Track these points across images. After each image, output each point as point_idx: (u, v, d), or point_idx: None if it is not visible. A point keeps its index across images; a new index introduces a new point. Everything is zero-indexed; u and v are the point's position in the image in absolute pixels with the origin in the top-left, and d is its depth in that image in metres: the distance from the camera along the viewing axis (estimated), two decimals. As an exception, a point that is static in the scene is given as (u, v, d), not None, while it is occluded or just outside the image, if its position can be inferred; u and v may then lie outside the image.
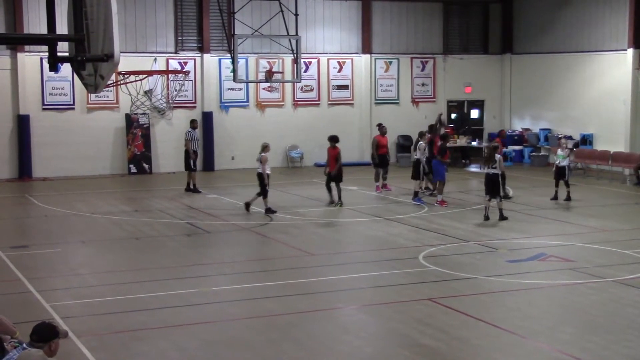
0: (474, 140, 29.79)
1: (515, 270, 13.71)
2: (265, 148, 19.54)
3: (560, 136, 28.14)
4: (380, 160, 22.66)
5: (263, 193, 19.34)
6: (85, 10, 7.54)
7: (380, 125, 23.37)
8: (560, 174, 20.75)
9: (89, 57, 7.53)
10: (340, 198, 20.23)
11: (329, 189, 20.40)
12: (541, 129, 30.06)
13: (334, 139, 20.57)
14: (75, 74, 8.35)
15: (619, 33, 26.93)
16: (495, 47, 31.96)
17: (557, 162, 20.91)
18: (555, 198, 20.76)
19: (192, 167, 22.79)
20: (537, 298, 12.31)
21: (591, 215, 19.30)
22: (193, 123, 23.52)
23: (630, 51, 26.18)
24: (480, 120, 31.99)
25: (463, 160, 29.26)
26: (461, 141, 29.17)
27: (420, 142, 21.27)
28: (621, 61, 26.64)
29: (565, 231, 17.44)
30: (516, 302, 12.00)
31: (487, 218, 18.07)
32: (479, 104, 32.02)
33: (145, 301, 11.99)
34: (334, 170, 20.19)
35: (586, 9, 28.37)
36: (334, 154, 20.37)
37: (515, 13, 31.48)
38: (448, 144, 21.50)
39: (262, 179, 19.27)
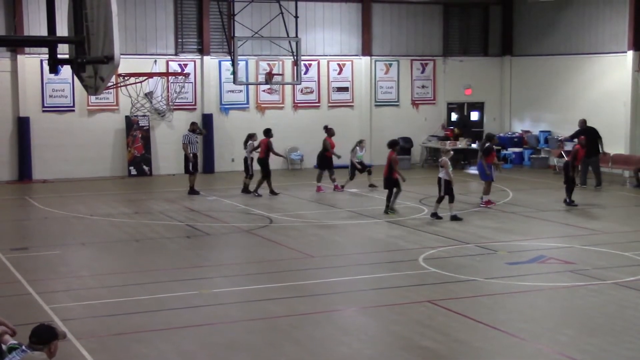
0: (474, 143, 29.75)
1: (515, 273, 13.70)
2: (447, 152, 19.28)
3: (560, 138, 28.15)
4: (327, 161, 23.51)
5: (449, 198, 18.59)
6: (85, 12, 7.54)
7: (327, 127, 24.15)
8: None
9: (89, 59, 7.53)
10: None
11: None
12: (541, 131, 30.05)
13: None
14: (75, 76, 8.34)
15: (618, 35, 26.93)
16: (495, 49, 31.96)
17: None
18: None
19: (191, 170, 22.85)
20: (538, 300, 12.30)
21: (591, 217, 19.30)
22: (192, 126, 23.54)
23: (630, 53, 26.18)
24: (480, 123, 31.97)
25: (462, 162, 29.24)
26: (461, 143, 29.16)
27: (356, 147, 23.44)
28: (621, 63, 26.63)
29: (565, 233, 17.44)
30: (516, 304, 12.00)
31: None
32: (479, 106, 32.01)
33: (146, 303, 11.98)
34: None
35: (586, 11, 28.38)
36: None
37: (515, 15, 31.48)
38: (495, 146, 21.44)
39: (445, 184, 18.58)
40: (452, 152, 19.74)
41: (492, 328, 10.72)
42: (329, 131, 23.84)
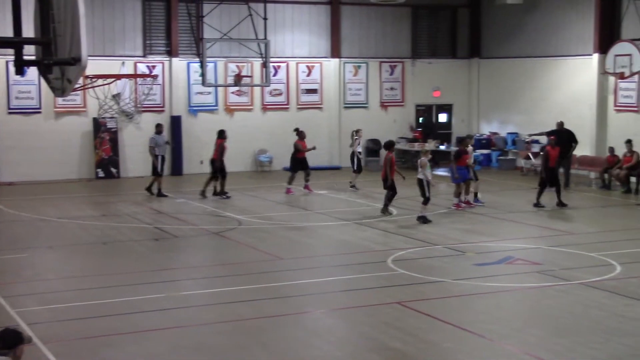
0: (442, 145, 29.93)
1: (483, 274, 13.79)
2: (425, 153, 19.23)
3: (527, 140, 28.38)
4: (300, 163, 23.51)
5: (424, 200, 18.57)
6: (52, 13, 7.49)
7: (299, 130, 23.96)
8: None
9: (56, 61, 7.48)
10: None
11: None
12: (509, 133, 30.29)
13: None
14: (42, 78, 8.28)
15: (584, 38, 27.21)
16: (464, 52, 32.16)
17: None
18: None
19: (158, 171, 22.77)
20: (505, 301, 12.40)
21: (558, 218, 19.49)
22: (158, 127, 23.46)
23: (596, 56, 26.44)
24: (448, 124, 32.15)
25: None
26: (430, 145, 29.26)
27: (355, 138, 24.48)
28: (587, 66, 26.90)
29: (532, 234, 17.59)
30: (484, 305, 12.07)
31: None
32: (447, 108, 32.18)
33: (114, 306, 11.90)
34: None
35: (553, 14, 28.66)
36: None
37: (483, 18, 31.71)
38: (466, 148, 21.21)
39: (421, 185, 18.58)
40: (430, 155, 19.77)
41: (460, 329, 10.78)
42: (300, 134, 23.71)
